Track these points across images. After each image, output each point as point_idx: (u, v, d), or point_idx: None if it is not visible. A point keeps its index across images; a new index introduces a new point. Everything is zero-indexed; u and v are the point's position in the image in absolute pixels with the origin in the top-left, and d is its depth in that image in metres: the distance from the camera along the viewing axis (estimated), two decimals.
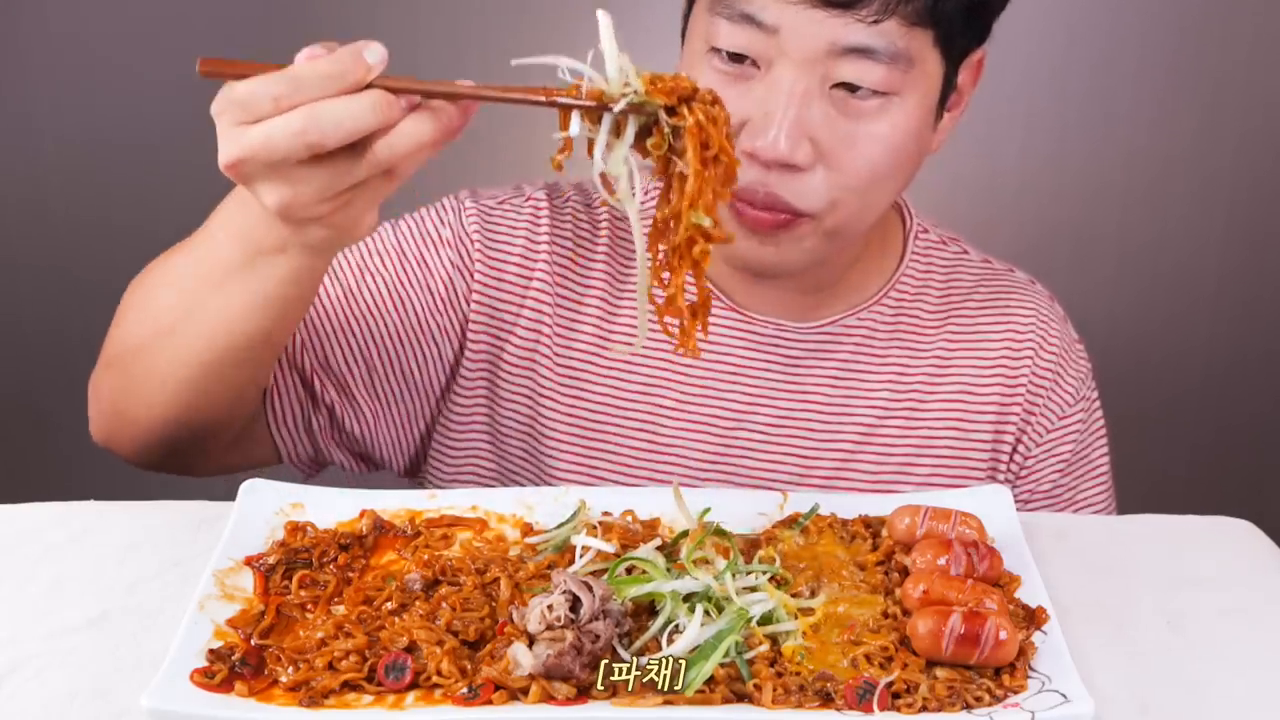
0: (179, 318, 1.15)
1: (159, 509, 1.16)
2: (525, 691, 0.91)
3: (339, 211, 1.00)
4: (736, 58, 1.20)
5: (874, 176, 1.23)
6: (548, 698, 0.90)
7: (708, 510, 1.11)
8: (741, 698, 0.92)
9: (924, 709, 0.91)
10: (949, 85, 1.26)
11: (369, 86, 0.96)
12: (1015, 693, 0.92)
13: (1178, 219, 2.35)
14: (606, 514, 1.12)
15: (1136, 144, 2.30)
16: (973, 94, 1.33)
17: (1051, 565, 1.08)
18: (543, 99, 0.96)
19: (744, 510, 1.14)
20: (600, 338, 1.37)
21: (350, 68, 0.96)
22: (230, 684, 0.91)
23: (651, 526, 1.11)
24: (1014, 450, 1.40)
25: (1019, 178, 2.33)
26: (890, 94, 1.20)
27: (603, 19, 0.96)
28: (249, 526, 1.09)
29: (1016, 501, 1.36)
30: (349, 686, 0.92)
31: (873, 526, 1.12)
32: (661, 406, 1.37)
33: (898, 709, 0.91)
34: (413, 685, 0.92)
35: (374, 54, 0.97)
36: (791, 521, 1.12)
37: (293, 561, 1.06)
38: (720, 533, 1.07)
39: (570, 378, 1.37)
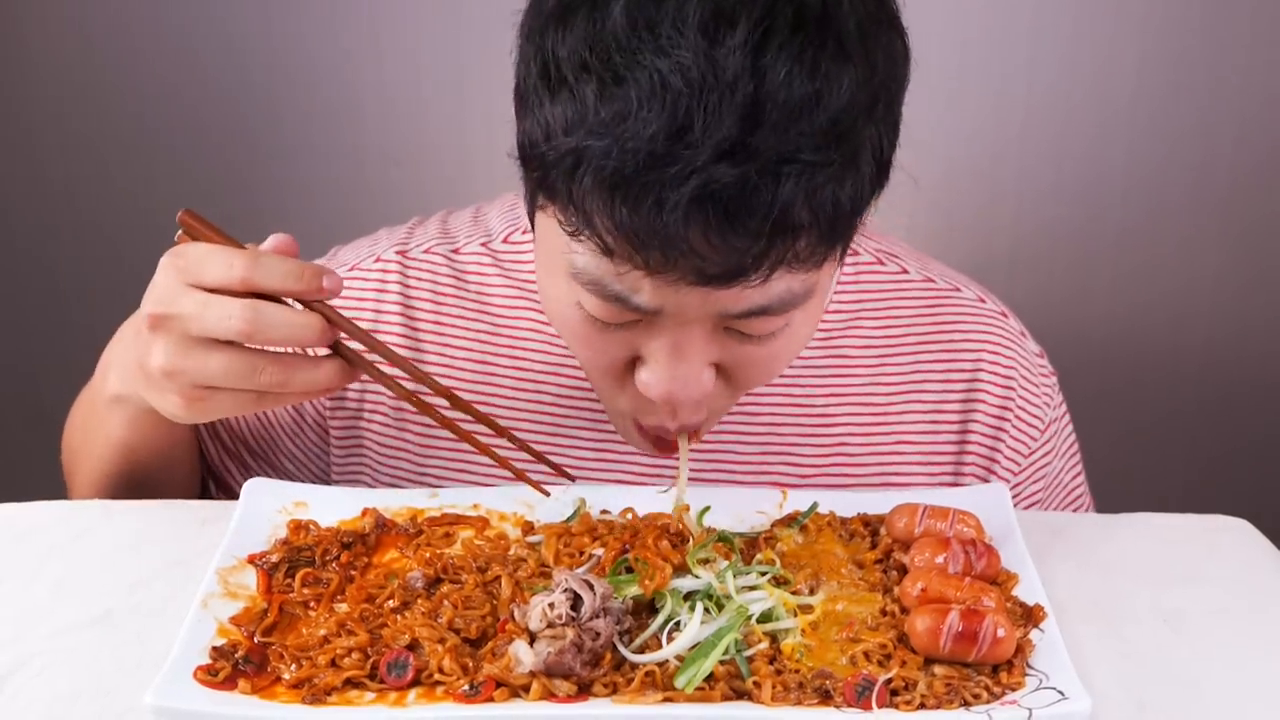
0: (82, 440, 1.25)
1: (162, 508, 1.17)
2: (526, 689, 0.91)
3: (200, 401, 1.03)
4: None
5: (775, 377, 1.14)
6: (549, 695, 0.91)
7: (707, 509, 1.12)
8: (741, 695, 0.92)
9: (922, 706, 0.91)
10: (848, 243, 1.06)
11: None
12: (1013, 690, 0.92)
13: (1176, 219, 2.36)
14: (605, 512, 1.13)
15: (1135, 143, 2.30)
16: None
17: (1049, 563, 1.09)
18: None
19: (743, 508, 1.14)
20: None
21: (310, 279, 1.00)
22: (233, 681, 0.92)
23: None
24: None
25: (1018, 177, 2.33)
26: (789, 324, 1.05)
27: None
28: (252, 525, 1.09)
29: None
30: (351, 684, 0.93)
31: (871, 525, 1.12)
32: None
33: (896, 706, 0.91)
34: (414, 683, 0.93)
35: (331, 280, 1.01)
36: (791, 520, 1.13)
37: (295, 560, 1.06)
38: (724, 539, 1.08)
39: (446, 457, 1.29)
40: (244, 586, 1.03)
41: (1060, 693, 0.91)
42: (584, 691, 0.92)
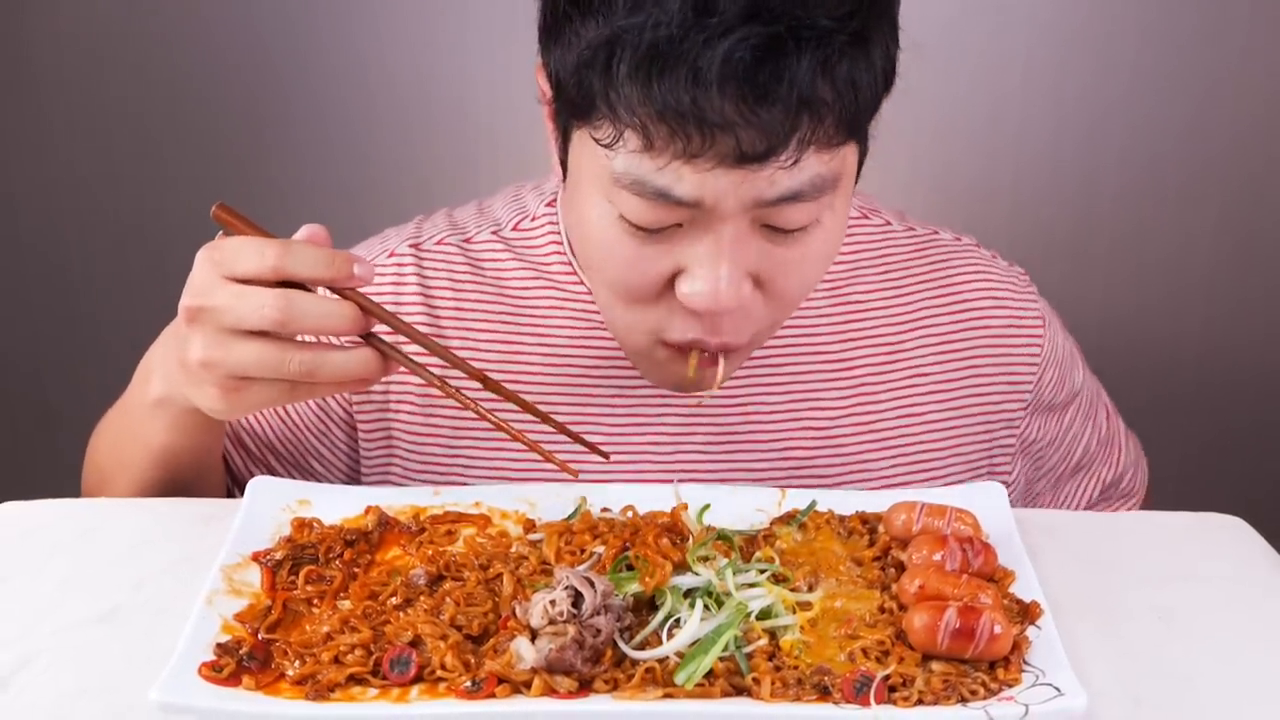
0: (109, 455, 1.25)
1: (168, 505, 1.18)
2: (528, 685, 0.92)
3: (236, 392, 1.04)
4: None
5: (809, 288, 1.18)
6: (550, 691, 0.92)
7: (707, 507, 1.13)
8: (740, 691, 0.93)
9: (920, 702, 0.92)
10: (865, 152, 1.14)
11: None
12: (1010, 686, 0.93)
13: (1170, 217, 2.36)
14: (606, 510, 1.14)
15: (1130, 142, 2.31)
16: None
17: (1045, 561, 1.09)
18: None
19: (743, 506, 1.15)
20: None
21: (340, 266, 1.03)
22: (238, 677, 0.93)
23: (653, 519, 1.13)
24: (1009, 421, 1.36)
25: (1014, 174, 2.34)
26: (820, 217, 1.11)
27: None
28: (256, 523, 1.10)
29: (1035, 473, 1.40)
30: (354, 680, 0.94)
31: (870, 523, 1.13)
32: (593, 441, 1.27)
33: (894, 702, 0.92)
34: (417, 679, 0.93)
35: (363, 268, 1.04)
36: (790, 518, 1.14)
37: (299, 557, 1.07)
38: (723, 537, 1.08)
39: (478, 443, 1.30)
40: (248, 584, 1.03)
41: (1056, 689, 0.92)
42: (585, 688, 0.93)
